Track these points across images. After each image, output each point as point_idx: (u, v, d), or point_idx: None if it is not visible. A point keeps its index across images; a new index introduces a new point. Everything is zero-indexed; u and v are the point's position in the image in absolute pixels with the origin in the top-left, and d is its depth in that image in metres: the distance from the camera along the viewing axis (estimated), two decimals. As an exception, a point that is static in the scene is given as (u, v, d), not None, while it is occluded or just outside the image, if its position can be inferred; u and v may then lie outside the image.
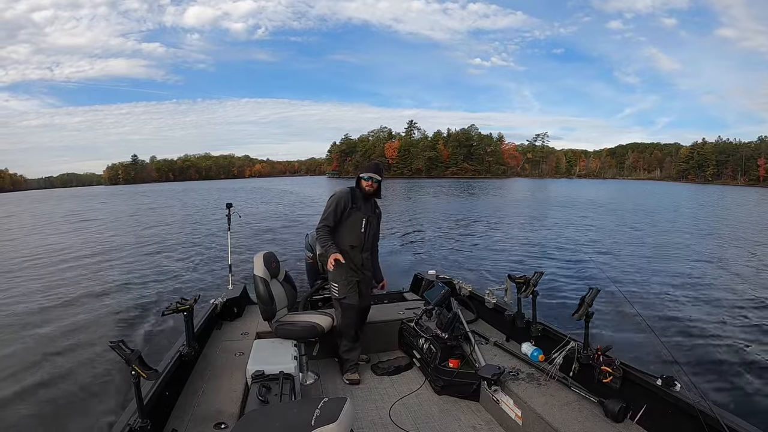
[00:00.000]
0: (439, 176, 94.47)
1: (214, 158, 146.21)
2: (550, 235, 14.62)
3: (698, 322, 6.04)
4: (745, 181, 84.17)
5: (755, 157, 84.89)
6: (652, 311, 6.47)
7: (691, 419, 1.85)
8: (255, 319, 3.59)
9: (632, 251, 11.60)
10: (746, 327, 5.88)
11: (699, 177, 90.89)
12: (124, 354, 1.73)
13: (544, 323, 2.95)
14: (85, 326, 6.07)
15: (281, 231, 15.61)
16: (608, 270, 9.13)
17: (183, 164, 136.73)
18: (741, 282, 8.37)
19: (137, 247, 13.21)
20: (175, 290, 7.84)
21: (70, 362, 4.83)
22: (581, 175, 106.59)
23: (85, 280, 8.98)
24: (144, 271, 9.67)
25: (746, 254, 11.38)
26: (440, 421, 2.64)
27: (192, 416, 2.21)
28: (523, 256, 10.82)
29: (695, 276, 8.84)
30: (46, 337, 5.68)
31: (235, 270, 4.53)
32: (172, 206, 31.00)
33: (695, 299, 7.18)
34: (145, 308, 6.77)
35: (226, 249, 4.68)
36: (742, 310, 6.58)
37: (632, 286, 7.93)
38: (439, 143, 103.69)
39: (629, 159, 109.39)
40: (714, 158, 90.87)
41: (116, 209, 30.10)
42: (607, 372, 2.28)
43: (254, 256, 3.10)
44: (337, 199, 3.12)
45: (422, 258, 10.48)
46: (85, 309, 6.89)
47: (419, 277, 4.53)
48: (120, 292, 7.88)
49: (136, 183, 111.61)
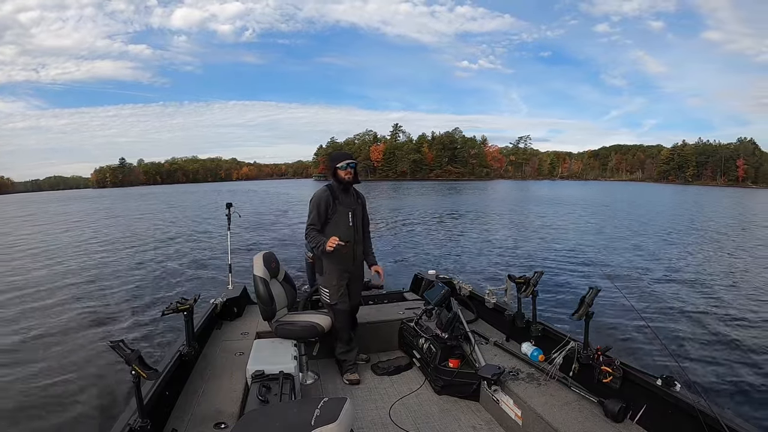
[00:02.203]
0: (423, 178, 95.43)
1: (201, 161, 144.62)
2: (549, 235, 14.64)
3: (698, 322, 6.04)
4: (724, 182, 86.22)
5: (734, 158, 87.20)
6: (652, 311, 6.47)
7: (691, 419, 1.85)
8: (255, 319, 3.59)
9: (631, 251, 11.61)
10: (746, 327, 5.89)
11: (679, 178, 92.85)
12: (124, 354, 1.73)
13: (544, 323, 2.95)
14: (85, 326, 6.08)
15: (281, 231, 15.63)
16: (608, 270, 9.13)
17: (170, 167, 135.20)
18: (741, 282, 8.38)
19: (137, 247, 13.22)
20: (175, 290, 7.85)
21: (70, 362, 4.84)
22: (563, 177, 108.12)
23: (85, 280, 8.98)
24: (144, 271, 9.68)
25: (746, 254, 11.39)
26: (440, 421, 2.63)
27: (192, 416, 2.21)
28: (523, 256, 10.82)
29: (695, 276, 8.85)
30: (47, 336, 5.69)
31: (235, 270, 4.52)
32: (171, 207, 31.05)
33: (695, 299, 7.19)
34: (145, 308, 6.78)
35: (226, 249, 4.68)
36: (743, 310, 6.59)
37: (632, 286, 7.93)
38: (423, 146, 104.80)
39: (612, 161, 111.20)
40: (694, 159, 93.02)
41: (129, 209, 30.33)
42: (607, 372, 2.28)
43: (254, 256, 3.10)
44: (317, 200, 3.07)
45: (422, 258, 10.48)
46: (85, 309, 6.90)
47: (419, 277, 4.52)
48: (120, 292, 7.89)
49: (123, 186, 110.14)
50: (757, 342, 5.33)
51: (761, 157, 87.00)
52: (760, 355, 4.94)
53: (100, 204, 39.53)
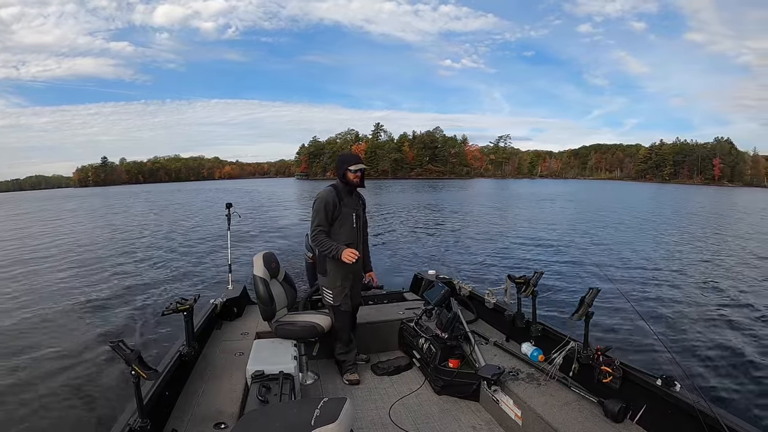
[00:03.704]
0: (404, 177, 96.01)
1: (183, 160, 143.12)
2: (548, 235, 14.63)
3: (699, 322, 6.04)
4: (701, 180, 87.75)
5: (710, 158, 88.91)
6: (652, 311, 6.47)
7: (691, 419, 1.85)
8: (255, 319, 3.59)
9: (632, 251, 11.60)
10: (746, 327, 5.88)
11: (657, 176, 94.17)
12: (124, 354, 1.73)
13: (544, 323, 2.95)
14: (85, 326, 6.08)
15: (281, 230, 15.62)
16: (608, 270, 9.13)
17: (153, 166, 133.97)
18: (741, 282, 8.38)
19: (137, 247, 13.21)
20: (175, 290, 7.84)
21: (70, 362, 4.83)
22: (543, 176, 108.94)
23: (85, 279, 8.98)
24: (144, 271, 9.67)
25: (746, 255, 11.39)
26: (440, 421, 2.63)
27: (192, 416, 2.21)
28: (522, 256, 10.82)
29: (695, 276, 8.85)
30: (47, 336, 5.68)
31: (235, 270, 4.52)
32: (167, 206, 31.05)
33: (695, 299, 7.19)
34: (145, 308, 6.77)
35: (226, 249, 4.68)
36: (743, 310, 6.59)
37: (632, 286, 7.93)
38: (404, 145, 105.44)
39: (592, 160, 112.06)
40: (671, 158, 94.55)
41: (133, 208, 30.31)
42: (607, 372, 2.28)
43: (254, 256, 3.10)
44: (324, 201, 3.03)
45: (422, 258, 10.48)
46: (86, 309, 6.90)
47: (419, 277, 4.52)
48: (120, 292, 7.89)
49: (106, 185, 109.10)
50: (757, 342, 5.33)
51: (737, 157, 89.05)
52: (760, 355, 4.94)
53: (91, 202, 39.45)
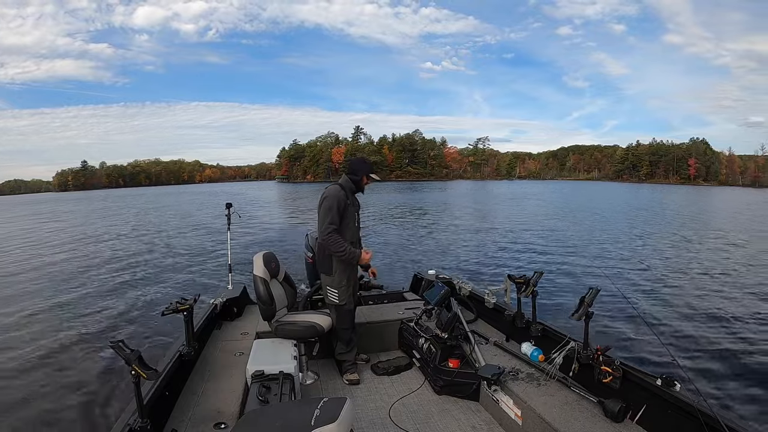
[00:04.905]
0: (383, 179, 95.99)
1: (164, 163, 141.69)
2: (547, 235, 14.64)
3: (698, 322, 6.04)
4: (676, 180, 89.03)
5: (686, 158, 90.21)
6: (652, 311, 6.47)
7: (691, 419, 1.85)
8: (255, 319, 3.59)
9: (631, 251, 11.60)
10: (746, 327, 5.88)
11: (633, 177, 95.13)
12: (124, 354, 1.73)
13: (544, 323, 2.95)
14: (85, 326, 6.08)
15: (281, 230, 15.63)
16: (608, 270, 9.13)
17: (133, 170, 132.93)
18: (741, 281, 8.38)
19: (137, 247, 13.22)
20: (175, 290, 7.85)
21: (71, 362, 4.84)
22: (522, 177, 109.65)
23: (85, 279, 8.98)
24: (144, 271, 9.68)
25: (746, 254, 11.39)
26: (440, 421, 2.63)
27: (192, 416, 2.21)
28: (523, 256, 10.82)
29: (695, 276, 8.85)
30: (47, 336, 5.69)
31: (235, 270, 4.52)
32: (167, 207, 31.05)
33: (695, 299, 7.18)
34: (145, 308, 6.78)
35: (226, 249, 4.68)
36: (742, 310, 6.58)
37: (632, 286, 7.94)
38: (384, 148, 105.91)
39: (570, 161, 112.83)
40: (647, 159, 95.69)
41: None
42: (607, 372, 2.27)
43: (254, 256, 3.09)
44: (336, 199, 3.06)
45: (422, 258, 10.49)
46: (86, 309, 6.90)
47: (419, 277, 4.52)
48: (120, 292, 7.89)
49: (86, 189, 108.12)
50: (757, 342, 5.33)
51: (712, 156, 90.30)
52: (760, 355, 4.94)
53: (85, 206, 39.39)
